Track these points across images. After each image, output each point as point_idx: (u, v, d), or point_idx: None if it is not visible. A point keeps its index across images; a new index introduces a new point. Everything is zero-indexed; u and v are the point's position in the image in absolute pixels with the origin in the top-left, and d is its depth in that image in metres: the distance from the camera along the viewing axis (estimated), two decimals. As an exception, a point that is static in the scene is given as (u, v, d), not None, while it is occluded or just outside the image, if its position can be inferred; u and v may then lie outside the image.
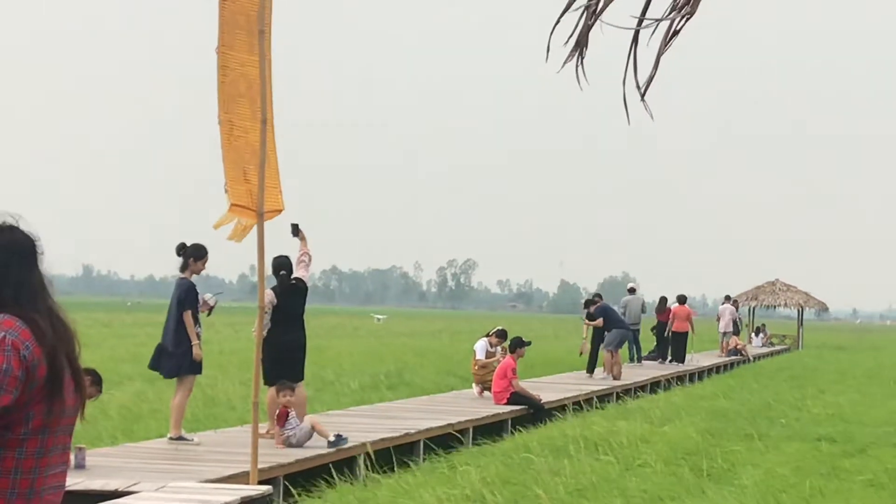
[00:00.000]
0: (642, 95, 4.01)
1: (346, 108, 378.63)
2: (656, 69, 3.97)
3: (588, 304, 25.87)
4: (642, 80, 4.02)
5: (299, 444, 11.50)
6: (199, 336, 11.82)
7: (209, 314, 12.23)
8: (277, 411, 11.75)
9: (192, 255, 11.96)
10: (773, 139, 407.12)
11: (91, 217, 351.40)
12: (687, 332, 31.74)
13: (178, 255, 12.02)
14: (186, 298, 11.82)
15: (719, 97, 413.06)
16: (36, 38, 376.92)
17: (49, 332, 3.25)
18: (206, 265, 12.07)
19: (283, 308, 12.39)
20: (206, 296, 12.12)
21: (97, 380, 9.74)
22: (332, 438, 11.49)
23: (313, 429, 11.63)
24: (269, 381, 12.06)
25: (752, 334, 48.96)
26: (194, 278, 12.02)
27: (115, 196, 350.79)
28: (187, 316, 11.72)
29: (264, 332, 10.98)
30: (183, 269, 11.97)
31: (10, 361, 3.15)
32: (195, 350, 11.72)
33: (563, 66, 4.08)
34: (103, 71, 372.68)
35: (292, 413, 11.68)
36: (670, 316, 31.77)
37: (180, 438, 11.72)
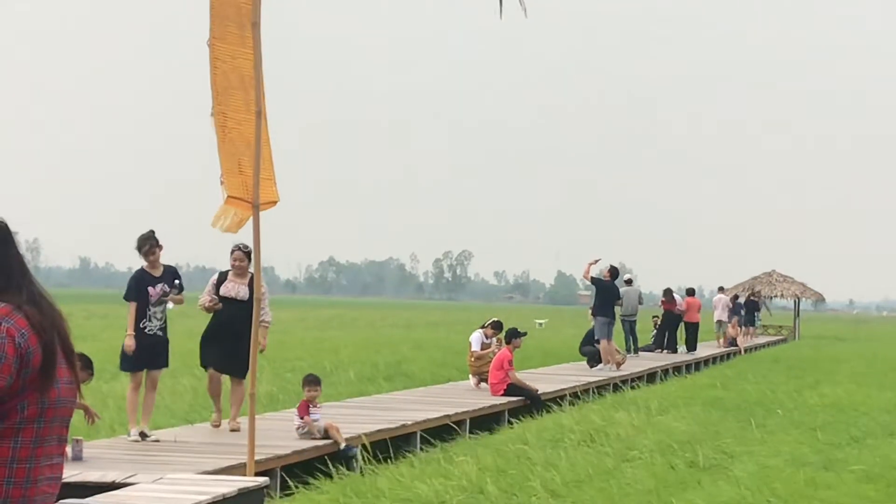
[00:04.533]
0: None
1: (342, 100, 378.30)
2: None
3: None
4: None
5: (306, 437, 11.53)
6: (147, 328, 11.37)
7: (159, 304, 11.55)
8: (299, 403, 11.85)
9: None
10: (772, 130, 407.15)
11: (88, 209, 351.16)
12: (698, 323, 33.04)
13: None
14: (127, 288, 11.55)
15: (713, 85, 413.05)
16: (30, 32, 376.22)
17: (39, 318, 3.25)
18: (155, 253, 11.48)
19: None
20: (158, 287, 11.53)
21: (87, 363, 9.68)
22: (342, 446, 11.43)
23: (327, 431, 11.61)
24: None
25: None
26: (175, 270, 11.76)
27: (112, 188, 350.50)
28: (129, 307, 11.42)
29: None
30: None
31: (5, 348, 3.16)
32: (126, 341, 11.32)
33: None
34: (99, 64, 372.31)
35: (312, 407, 11.71)
36: (677, 308, 32.21)
37: (129, 434, 11.43)
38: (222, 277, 12.35)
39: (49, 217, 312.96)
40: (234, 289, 12.20)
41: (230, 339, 12.00)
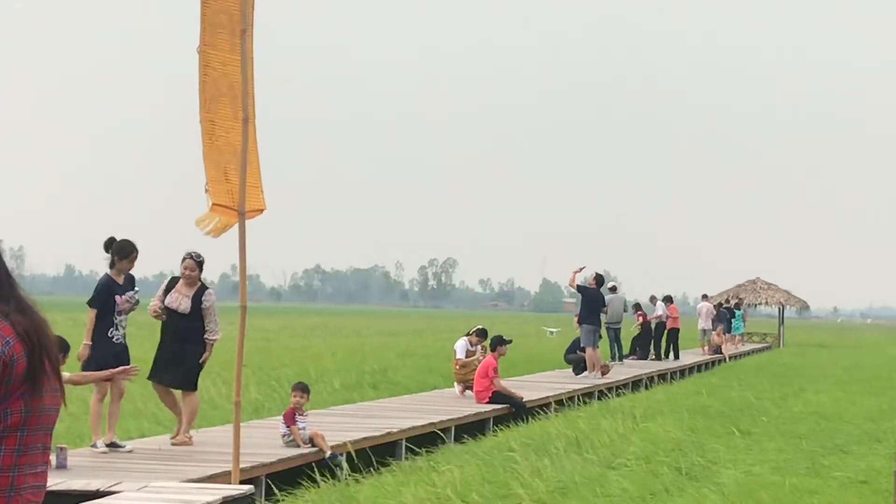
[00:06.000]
0: None
1: (327, 106, 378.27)
2: None
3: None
4: None
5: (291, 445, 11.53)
6: (115, 337, 11.23)
7: (125, 312, 11.45)
8: (286, 410, 11.82)
9: (117, 253, 11.43)
10: (757, 138, 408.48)
11: (72, 217, 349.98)
12: (679, 329, 33.26)
13: (106, 251, 11.52)
14: (93, 296, 11.37)
15: (700, 92, 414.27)
16: (16, 38, 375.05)
17: (25, 325, 3.23)
18: (133, 263, 11.43)
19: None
20: (126, 296, 11.40)
21: (64, 346, 9.51)
22: (328, 455, 11.42)
23: (312, 439, 11.59)
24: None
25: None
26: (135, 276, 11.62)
27: (95, 196, 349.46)
28: (90, 314, 11.27)
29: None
30: (111, 265, 11.48)
31: (-12, 356, 3.14)
32: (81, 350, 11.11)
33: None
34: (85, 70, 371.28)
35: (299, 414, 11.69)
36: (661, 315, 32.39)
37: (93, 445, 11.25)
38: (171, 285, 12.00)
39: (33, 225, 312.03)
40: (177, 300, 11.81)
41: (171, 351, 11.84)
